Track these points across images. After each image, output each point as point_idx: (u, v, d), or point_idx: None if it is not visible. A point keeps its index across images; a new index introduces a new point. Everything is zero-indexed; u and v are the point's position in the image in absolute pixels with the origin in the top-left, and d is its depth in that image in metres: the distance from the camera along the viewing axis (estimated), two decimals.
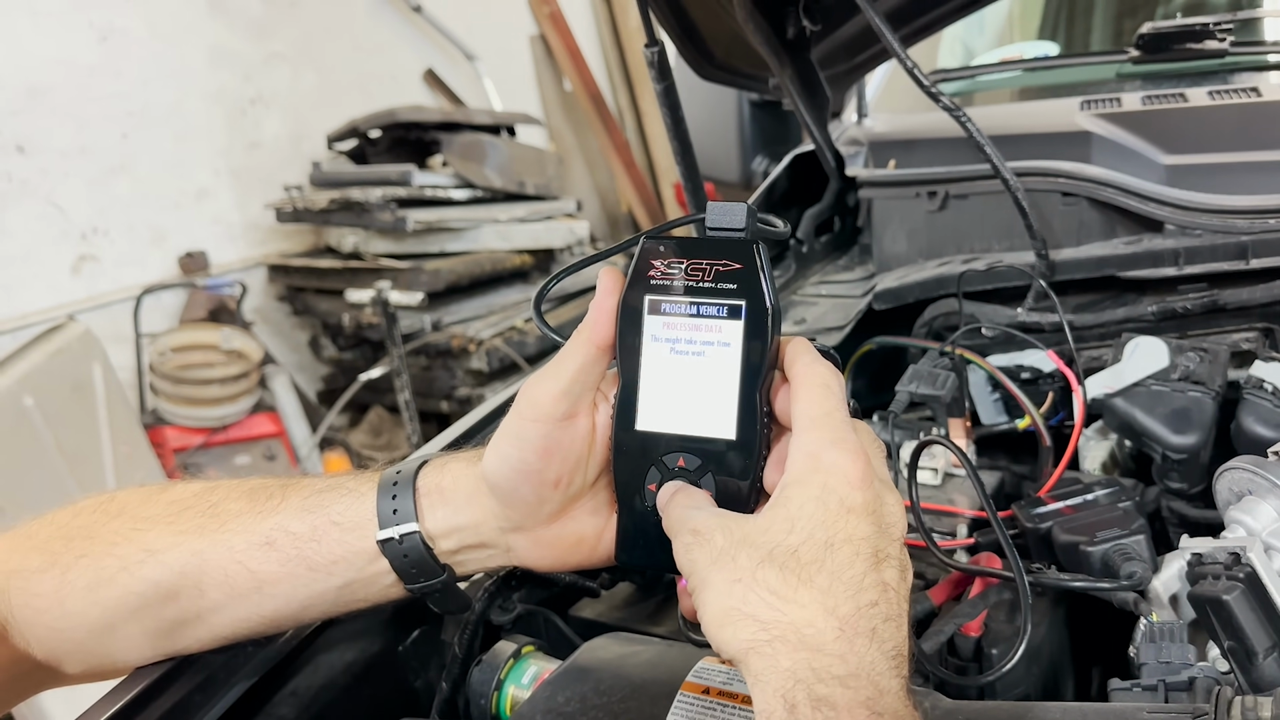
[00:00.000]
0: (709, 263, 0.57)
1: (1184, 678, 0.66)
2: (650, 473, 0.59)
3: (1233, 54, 1.42)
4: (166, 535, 0.69)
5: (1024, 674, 0.77)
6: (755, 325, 0.56)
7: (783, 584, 0.51)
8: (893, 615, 0.51)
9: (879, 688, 0.49)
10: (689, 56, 1.34)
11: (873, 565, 0.52)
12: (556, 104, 5.02)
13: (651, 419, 0.59)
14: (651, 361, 0.58)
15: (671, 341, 0.58)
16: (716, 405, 0.58)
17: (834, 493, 0.53)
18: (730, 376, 0.57)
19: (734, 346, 0.57)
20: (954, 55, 2.01)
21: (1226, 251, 1.10)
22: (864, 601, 0.51)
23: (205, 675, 0.78)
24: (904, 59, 1.10)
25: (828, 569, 0.51)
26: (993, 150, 1.11)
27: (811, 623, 0.50)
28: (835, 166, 1.49)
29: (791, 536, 0.52)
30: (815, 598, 0.50)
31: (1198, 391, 0.97)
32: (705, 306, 0.57)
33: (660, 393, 0.59)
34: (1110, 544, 0.81)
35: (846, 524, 0.52)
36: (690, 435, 0.58)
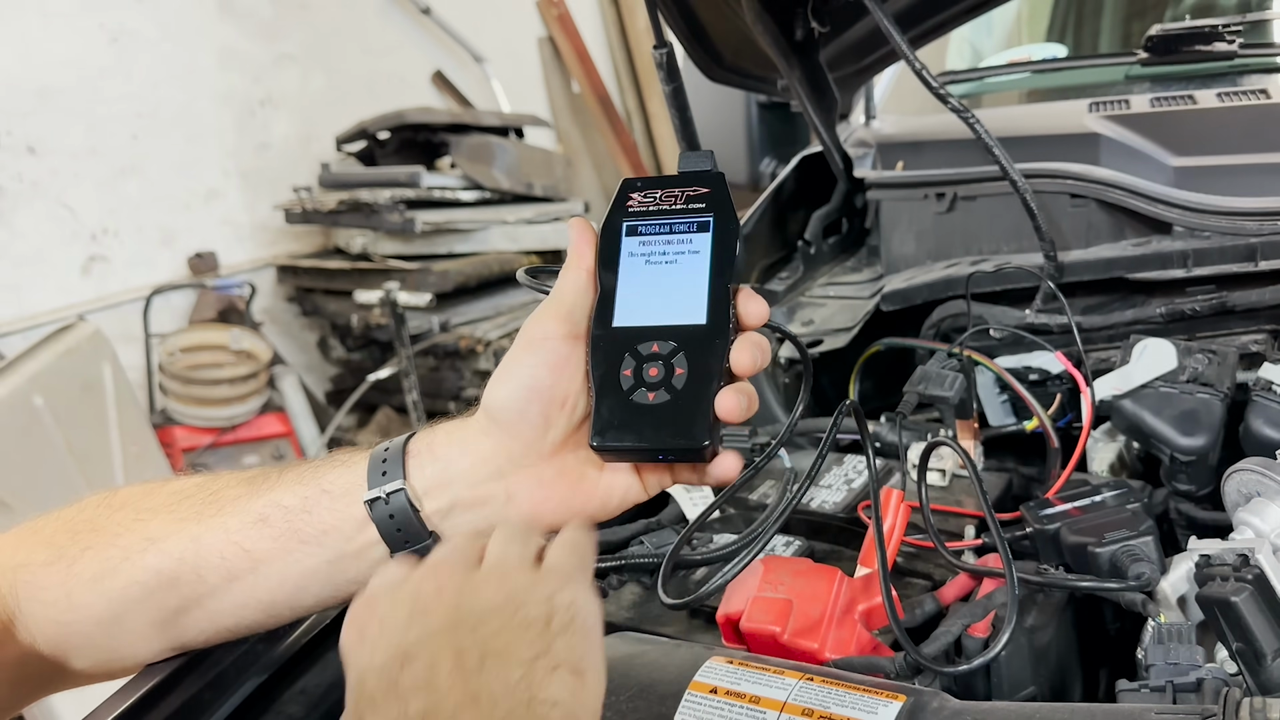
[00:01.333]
0: (681, 189, 0.66)
1: (1192, 679, 0.66)
2: (625, 359, 0.65)
3: (1242, 56, 1.42)
4: (167, 523, 0.69)
5: (1031, 675, 0.77)
6: (723, 234, 0.65)
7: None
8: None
9: None
10: (697, 58, 1.34)
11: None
12: (564, 106, 5.02)
13: (627, 316, 0.66)
14: (628, 272, 0.66)
15: (646, 255, 0.66)
16: (688, 298, 0.65)
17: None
18: (700, 274, 0.64)
19: (704, 252, 0.65)
20: (962, 57, 2.01)
21: (1235, 253, 1.10)
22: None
23: (215, 673, 0.78)
24: (913, 61, 1.10)
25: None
26: (1001, 152, 1.11)
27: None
28: (843, 168, 1.49)
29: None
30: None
31: (1206, 393, 0.97)
32: (678, 223, 0.66)
33: (636, 295, 0.65)
34: (1118, 545, 0.81)
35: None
36: (664, 324, 0.65)
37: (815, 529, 1.00)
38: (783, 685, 0.67)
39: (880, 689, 0.66)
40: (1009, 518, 0.95)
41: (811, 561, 0.84)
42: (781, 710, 0.65)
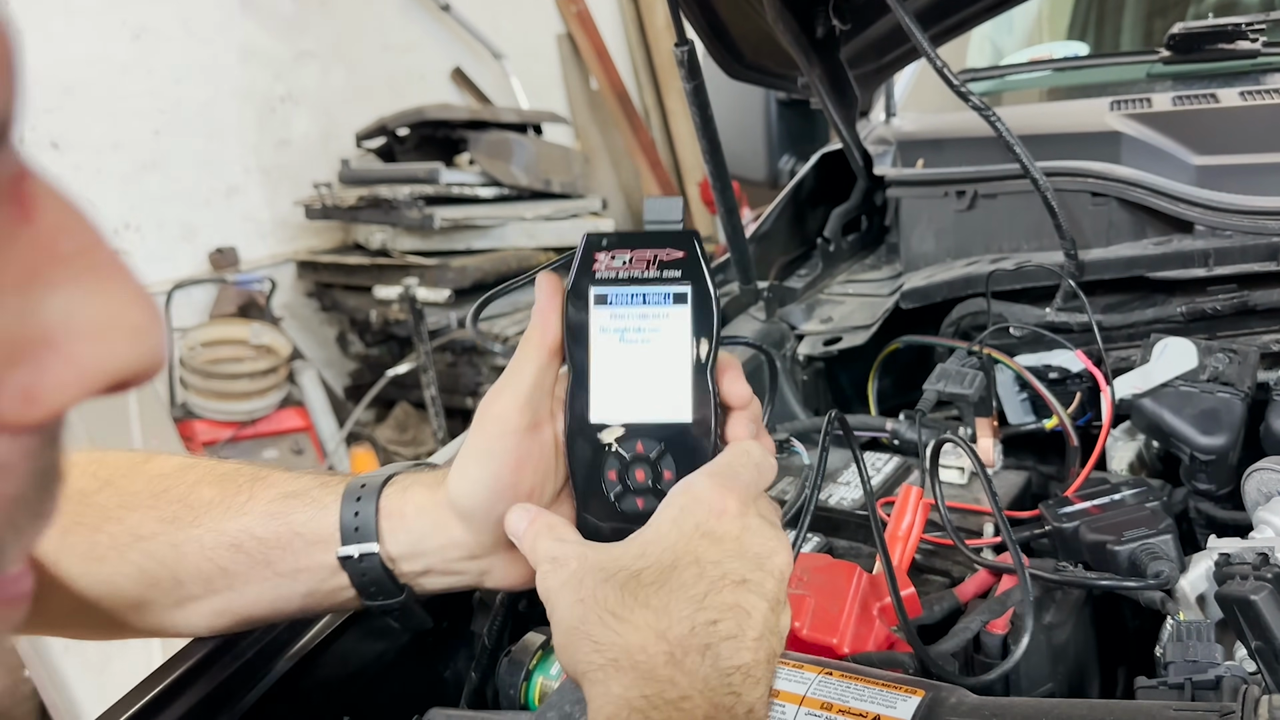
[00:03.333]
0: (652, 252, 0.59)
1: (1211, 676, 0.66)
2: (609, 461, 0.59)
3: (1265, 54, 1.41)
4: (150, 521, 0.70)
5: (1049, 672, 0.78)
6: (702, 309, 0.58)
7: (620, 604, 0.51)
8: (739, 635, 0.50)
9: (715, 704, 0.49)
10: (718, 56, 1.35)
11: (721, 587, 0.51)
12: (583, 102, 5.03)
13: (606, 410, 0.59)
14: (601, 352, 0.59)
15: (619, 331, 0.59)
16: (670, 389, 0.59)
17: (692, 517, 0.53)
18: (681, 360, 0.58)
19: (683, 331, 0.58)
20: (983, 55, 2.00)
21: (1257, 253, 1.09)
22: (701, 620, 0.50)
23: (239, 664, 0.79)
24: (934, 58, 1.10)
25: (667, 588, 0.51)
26: (1022, 150, 1.11)
27: (644, 647, 0.49)
28: (863, 165, 1.49)
29: (640, 560, 0.52)
30: (649, 619, 0.50)
31: (1227, 393, 0.96)
32: (652, 294, 0.58)
33: (613, 383, 0.59)
34: (1137, 543, 0.81)
35: (697, 547, 0.52)
36: (645, 422, 0.59)
37: (834, 526, 1.00)
38: (802, 679, 0.68)
39: (899, 684, 0.67)
40: (1028, 516, 0.95)
41: (830, 558, 0.84)
42: (801, 704, 0.66)
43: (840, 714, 0.65)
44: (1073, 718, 0.62)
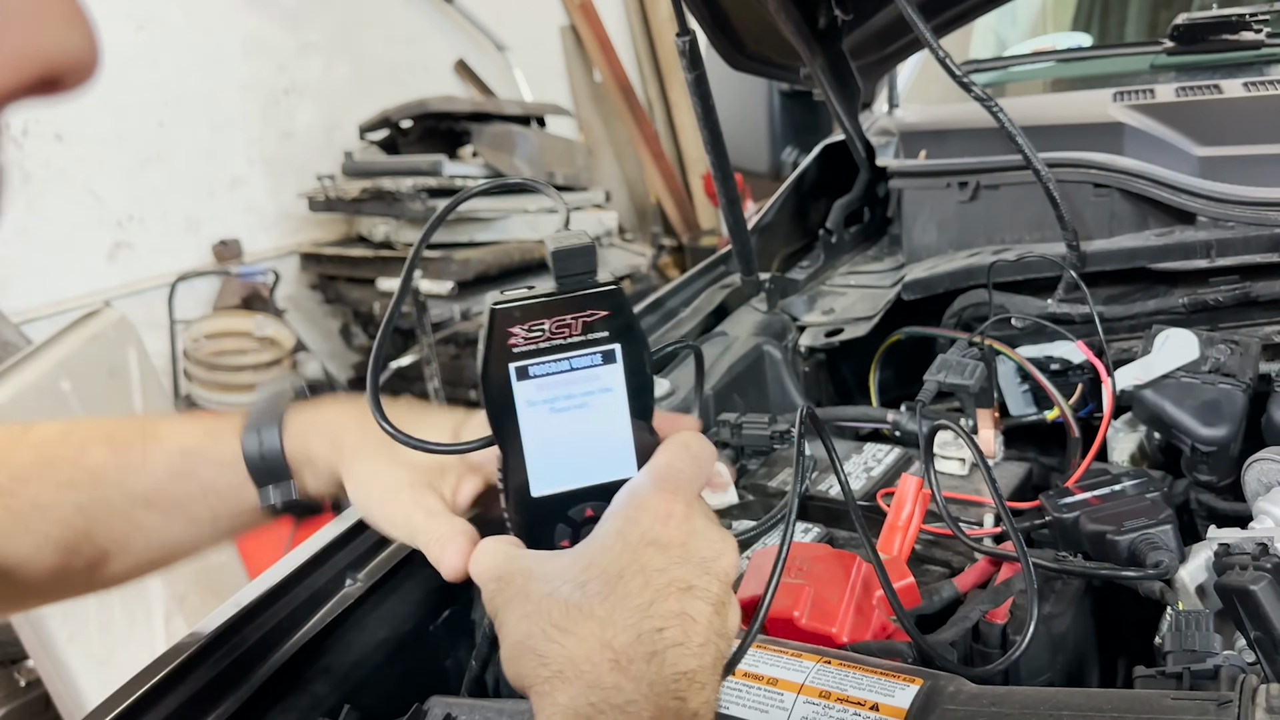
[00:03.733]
0: (573, 317, 0.53)
1: (1209, 666, 0.66)
2: (559, 529, 0.57)
3: (1269, 45, 1.41)
4: (47, 490, 0.71)
5: (1048, 662, 0.78)
6: (634, 363, 0.55)
7: (565, 617, 0.50)
8: (685, 642, 0.50)
9: (660, 707, 0.49)
10: (720, 46, 1.34)
11: (667, 595, 0.51)
12: (586, 95, 5.03)
13: (547, 482, 0.56)
14: (532, 426, 0.55)
15: (549, 401, 0.54)
16: (611, 448, 0.56)
17: (637, 527, 0.52)
18: (619, 418, 0.55)
19: (616, 389, 0.55)
20: (986, 46, 2.00)
21: (1259, 244, 1.09)
22: (647, 628, 0.50)
23: (240, 652, 0.79)
24: (936, 49, 1.10)
25: (613, 599, 0.50)
26: (1024, 140, 1.10)
27: (588, 657, 0.49)
28: (866, 157, 1.49)
29: (586, 572, 0.52)
30: (593, 629, 0.50)
31: (1228, 384, 0.96)
32: (578, 359, 0.54)
33: (550, 454, 0.56)
34: (1137, 534, 0.81)
35: (643, 556, 0.51)
36: (592, 485, 0.56)
37: (834, 516, 1.00)
38: (800, 668, 0.68)
39: (897, 673, 0.67)
40: (1028, 506, 0.95)
41: (830, 548, 0.85)
42: (799, 692, 0.66)
43: (839, 702, 0.65)
44: (1071, 706, 0.62)
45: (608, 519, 0.54)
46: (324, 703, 0.81)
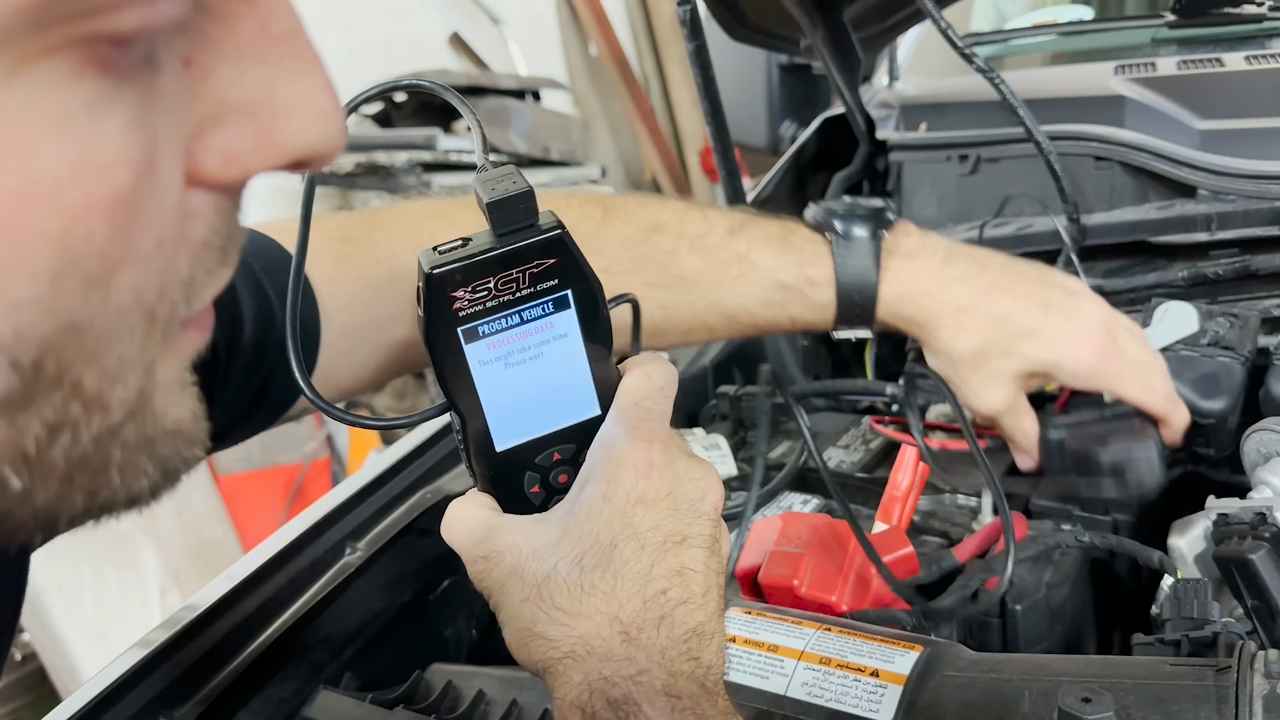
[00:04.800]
0: (519, 270, 0.51)
1: (1207, 633, 0.66)
2: (527, 476, 0.56)
3: (1271, 18, 1.40)
4: (635, 286, 0.68)
5: (1047, 630, 0.78)
6: (587, 303, 0.53)
7: (568, 598, 0.50)
8: (689, 597, 0.50)
9: (672, 672, 0.49)
10: (720, 16, 1.33)
11: (664, 553, 0.51)
12: (582, 69, 5.00)
13: (511, 435, 0.55)
14: (488, 384, 0.53)
15: (503, 358, 0.53)
16: (573, 390, 0.55)
17: (621, 487, 0.52)
18: (578, 361, 0.54)
19: (571, 334, 0.53)
20: (987, 19, 1.99)
21: (1260, 217, 1.09)
22: (651, 593, 0.50)
23: (240, 620, 0.80)
24: (938, 20, 1.09)
25: (612, 570, 0.50)
26: (1026, 113, 1.10)
27: (598, 633, 0.49)
28: (866, 130, 1.48)
29: (578, 544, 0.51)
30: (598, 605, 0.49)
31: (1227, 357, 0.96)
32: (530, 311, 0.52)
33: (510, 407, 0.54)
34: (1121, 449, 0.83)
35: (632, 517, 0.51)
36: (557, 429, 0.55)
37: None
38: (801, 635, 0.68)
39: (897, 639, 0.67)
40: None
41: (829, 518, 0.85)
42: (800, 658, 0.66)
43: (839, 668, 0.65)
44: (1069, 673, 0.63)
45: (589, 480, 0.53)
46: (325, 671, 0.81)
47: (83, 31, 0.25)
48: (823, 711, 0.64)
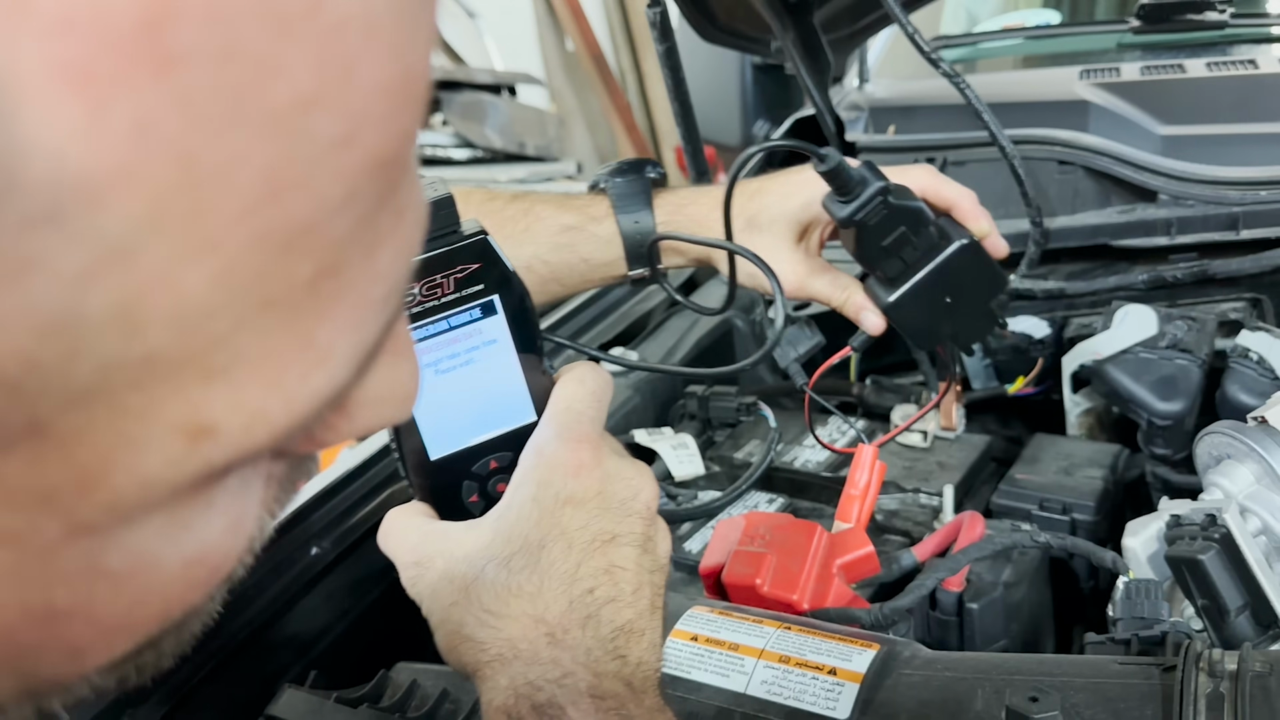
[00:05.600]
0: (443, 275, 0.51)
1: (1157, 633, 0.68)
2: (466, 486, 0.56)
3: (1232, 26, 1.43)
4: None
5: (1003, 629, 0.80)
6: (515, 308, 0.53)
7: (496, 600, 0.50)
8: (618, 595, 0.50)
9: (598, 672, 0.49)
10: (691, 18, 1.34)
11: (591, 553, 0.51)
12: (558, 64, 4.99)
13: (445, 443, 0.55)
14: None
15: (433, 365, 0.52)
16: (505, 397, 0.55)
17: (550, 488, 0.52)
18: (509, 365, 0.54)
19: (501, 339, 0.53)
20: (957, 22, 2.00)
21: (1218, 222, 1.11)
22: (578, 592, 0.50)
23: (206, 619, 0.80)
24: (904, 24, 1.10)
25: (539, 571, 0.50)
26: (990, 117, 1.11)
27: (525, 635, 0.49)
28: (835, 131, 1.50)
29: (508, 545, 0.51)
30: (525, 607, 0.49)
31: (1185, 359, 0.98)
32: (457, 317, 0.52)
33: (442, 415, 0.54)
34: (942, 246, 0.84)
35: (561, 517, 0.51)
36: (492, 436, 0.55)
37: (798, 487, 1.02)
38: (761, 634, 0.69)
39: (855, 638, 0.68)
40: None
41: (792, 517, 0.86)
42: (759, 657, 0.67)
43: (798, 666, 0.66)
44: (1022, 671, 0.64)
45: (520, 484, 0.53)
46: (289, 670, 0.81)
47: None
48: (782, 709, 0.65)
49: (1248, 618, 0.72)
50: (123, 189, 0.19)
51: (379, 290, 0.25)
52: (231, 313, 0.21)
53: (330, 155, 0.21)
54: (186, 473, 0.23)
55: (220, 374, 0.22)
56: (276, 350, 0.22)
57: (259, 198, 0.20)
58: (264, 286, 0.21)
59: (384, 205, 0.23)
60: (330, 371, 0.24)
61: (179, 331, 0.20)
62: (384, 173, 0.23)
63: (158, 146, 0.19)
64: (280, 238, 0.21)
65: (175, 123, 0.19)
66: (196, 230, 0.20)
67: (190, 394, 0.21)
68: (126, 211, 0.19)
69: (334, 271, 0.23)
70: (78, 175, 0.18)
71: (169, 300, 0.20)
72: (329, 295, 0.23)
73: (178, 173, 0.19)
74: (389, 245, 0.24)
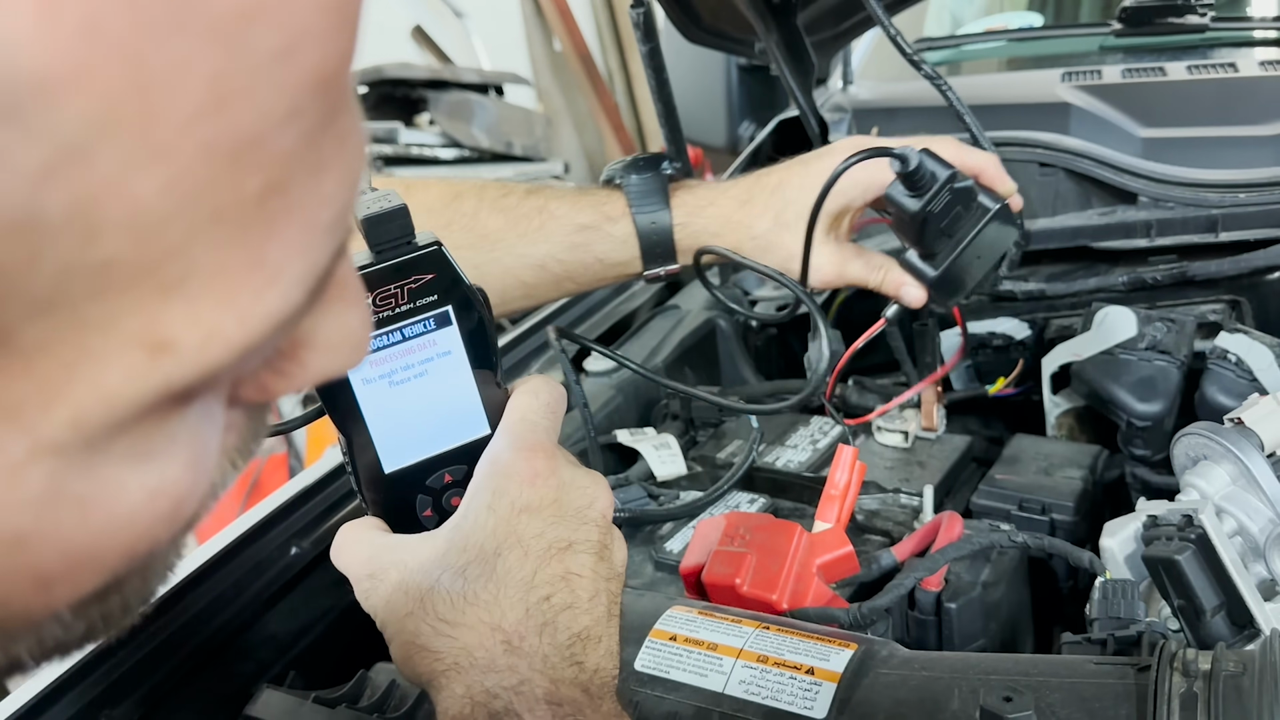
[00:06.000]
0: (396, 286, 0.51)
1: (1132, 633, 0.68)
2: (420, 500, 0.56)
3: (1213, 29, 1.43)
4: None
5: (982, 628, 0.80)
6: (469, 321, 0.53)
7: (451, 609, 0.50)
8: (574, 602, 0.50)
9: (554, 679, 0.49)
10: (675, 19, 1.34)
11: (547, 560, 0.51)
12: (546, 64, 4.99)
13: (399, 456, 0.54)
14: (372, 403, 0.52)
15: (387, 376, 0.52)
16: (459, 410, 0.54)
17: (505, 497, 0.52)
18: (464, 378, 0.54)
19: (456, 351, 0.53)
20: (941, 24, 2.01)
21: (1197, 224, 1.12)
22: (534, 600, 0.50)
23: (185, 618, 0.79)
24: (887, 26, 1.10)
25: (495, 579, 0.50)
26: (972, 119, 1.12)
27: (481, 644, 0.49)
28: (819, 133, 1.50)
29: (463, 555, 0.51)
30: (481, 615, 0.49)
31: (1164, 361, 0.99)
32: (411, 328, 0.52)
33: (396, 427, 0.54)
34: (979, 207, 0.87)
35: (518, 526, 0.51)
36: (446, 450, 0.55)
37: (780, 487, 1.02)
38: (740, 633, 0.69)
39: (833, 638, 0.68)
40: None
41: (773, 517, 0.86)
42: (738, 657, 0.67)
43: (776, 666, 0.66)
44: (999, 670, 0.64)
45: (475, 493, 0.53)
46: (269, 670, 0.81)
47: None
48: (759, 709, 0.65)
49: (1223, 618, 0.72)
50: (75, 87, 0.19)
51: (326, 215, 0.25)
52: (184, 222, 0.22)
53: (272, 67, 0.22)
54: (148, 390, 0.23)
55: (176, 287, 0.22)
56: (229, 266, 0.23)
57: (205, 105, 0.21)
58: (214, 197, 0.22)
59: (327, 127, 0.24)
60: (282, 292, 0.25)
61: (134, 239, 0.21)
62: (325, 91, 0.24)
63: (107, 46, 0.19)
64: (228, 148, 0.22)
65: (123, 23, 0.19)
66: (147, 134, 0.20)
67: (148, 307, 0.22)
68: (80, 110, 0.19)
69: (281, 189, 0.23)
70: (31, 72, 0.19)
71: (124, 205, 0.21)
72: (278, 213, 0.24)
73: (127, 73, 0.20)
74: (333, 170, 0.25)
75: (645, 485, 1.00)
